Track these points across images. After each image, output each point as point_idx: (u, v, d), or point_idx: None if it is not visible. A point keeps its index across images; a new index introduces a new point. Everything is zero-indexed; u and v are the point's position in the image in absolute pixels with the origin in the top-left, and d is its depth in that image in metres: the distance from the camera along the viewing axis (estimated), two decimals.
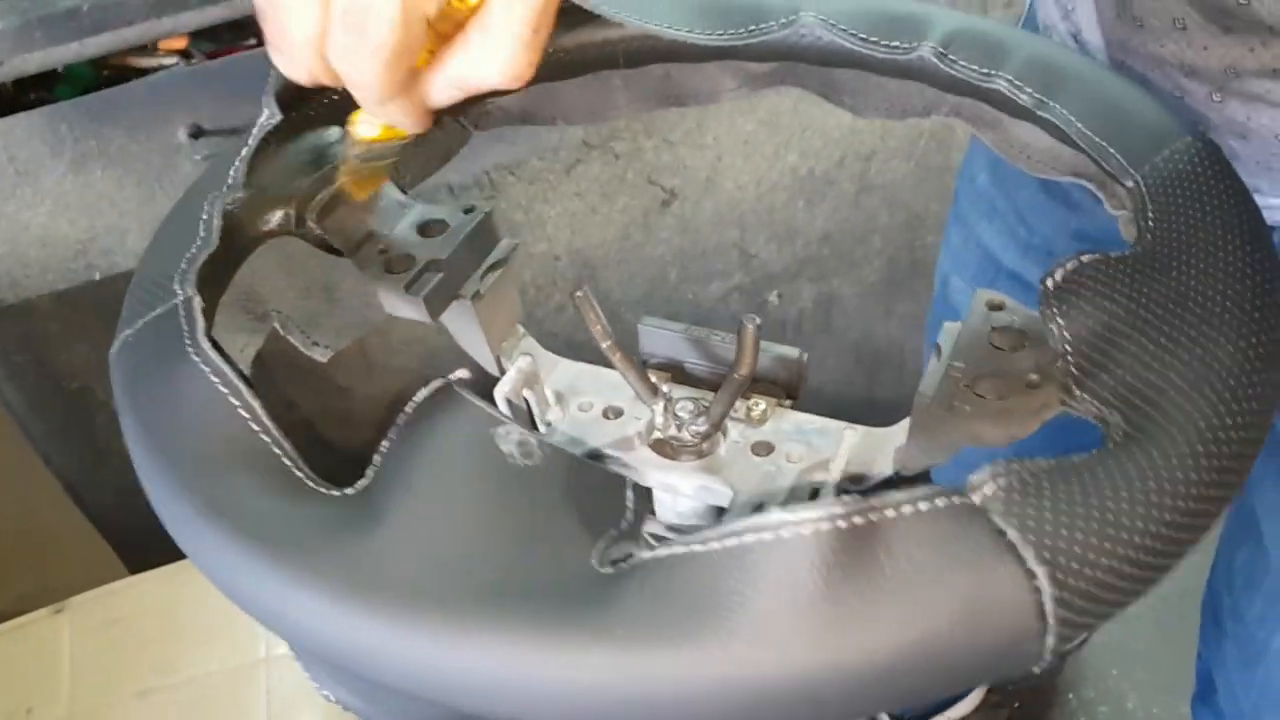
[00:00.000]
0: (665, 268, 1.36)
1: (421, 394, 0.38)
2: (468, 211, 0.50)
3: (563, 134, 1.19)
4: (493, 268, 0.50)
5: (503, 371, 0.52)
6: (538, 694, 0.29)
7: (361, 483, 0.35)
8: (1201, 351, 0.34)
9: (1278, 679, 0.87)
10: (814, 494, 0.46)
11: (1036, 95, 0.48)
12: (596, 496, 0.35)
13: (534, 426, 0.52)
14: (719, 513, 0.48)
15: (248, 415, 0.35)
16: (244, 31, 1.06)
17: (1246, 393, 0.33)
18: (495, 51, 0.39)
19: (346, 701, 0.38)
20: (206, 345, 0.37)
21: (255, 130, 0.47)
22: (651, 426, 0.48)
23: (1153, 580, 0.30)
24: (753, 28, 0.53)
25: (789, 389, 0.49)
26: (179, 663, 1.01)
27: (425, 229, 0.50)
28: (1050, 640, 0.29)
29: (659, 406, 0.48)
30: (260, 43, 1.04)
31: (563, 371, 0.52)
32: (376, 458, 0.36)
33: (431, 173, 0.56)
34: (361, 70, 0.38)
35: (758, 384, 0.49)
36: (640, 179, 1.28)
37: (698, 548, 0.29)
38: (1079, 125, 0.46)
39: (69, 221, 1.00)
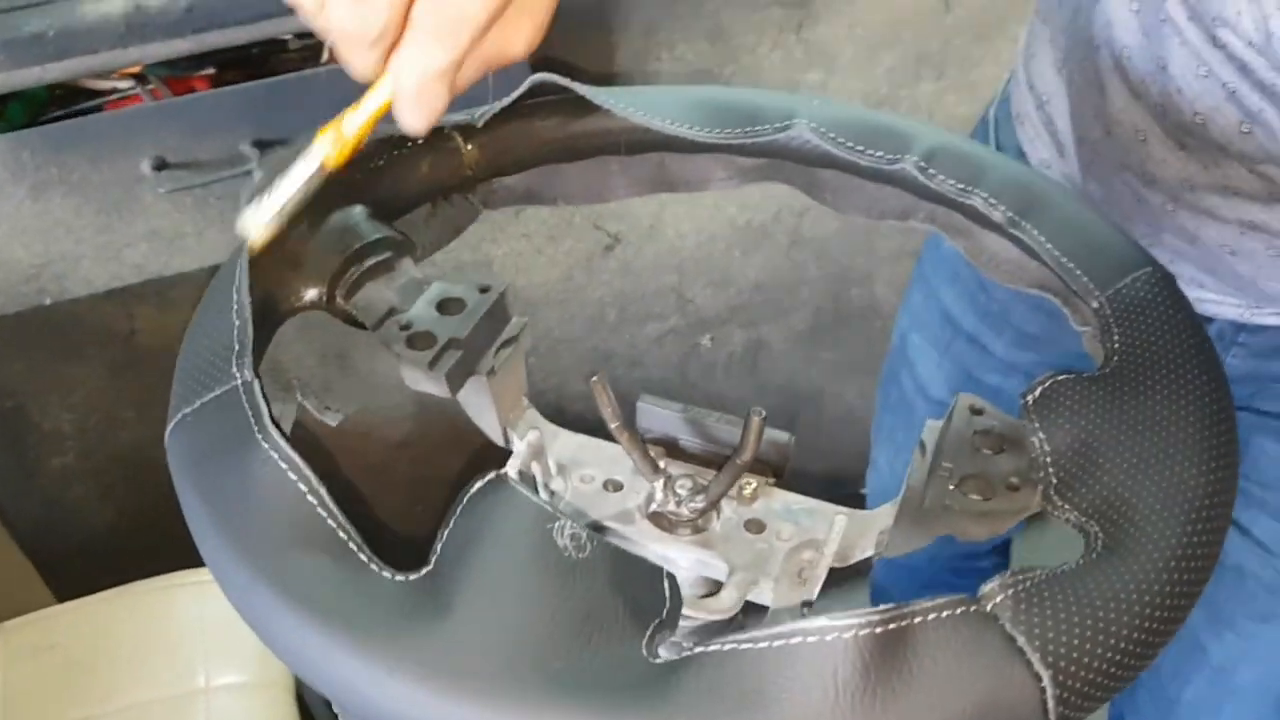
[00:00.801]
0: (605, 309, 1.39)
1: (476, 484, 0.41)
2: (483, 290, 0.53)
3: None
4: (505, 344, 0.54)
5: (508, 442, 0.55)
6: None
7: (425, 569, 0.38)
8: (1169, 474, 0.40)
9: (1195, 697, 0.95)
10: (801, 573, 0.50)
11: (1010, 214, 0.53)
12: (639, 586, 0.38)
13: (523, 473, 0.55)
14: (716, 585, 0.52)
15: (315, 501, 0.38)
16: (202, 61, 1.07)
17: (1209, 513, 0.39)
18: (519, 28, 0.43)
19: None
20: (275, 433, 0.39)
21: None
22: (650, 500, 0.52)
23: (1134, 677, 0.35)
24: (749, 129, 0.57)
25: (776, 469, 0.54)
26: (116, 690, 1.02)
27: (444, 306, 0.52)
28: None
29: (659, 483, 0.52)
30: (218, 76, 1.05)
31: (564, 443, 0.56)
32: (437, 545, 0.39)
33: (443, 246, 0.59)
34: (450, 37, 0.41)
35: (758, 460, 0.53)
36: (586, 224, 1.31)
37: (748, 645, 0.33)
38: (1049, 246, 0.51)
39: (24, 246, 1.00)
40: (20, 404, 1.21)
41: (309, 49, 1.08)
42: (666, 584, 0.39)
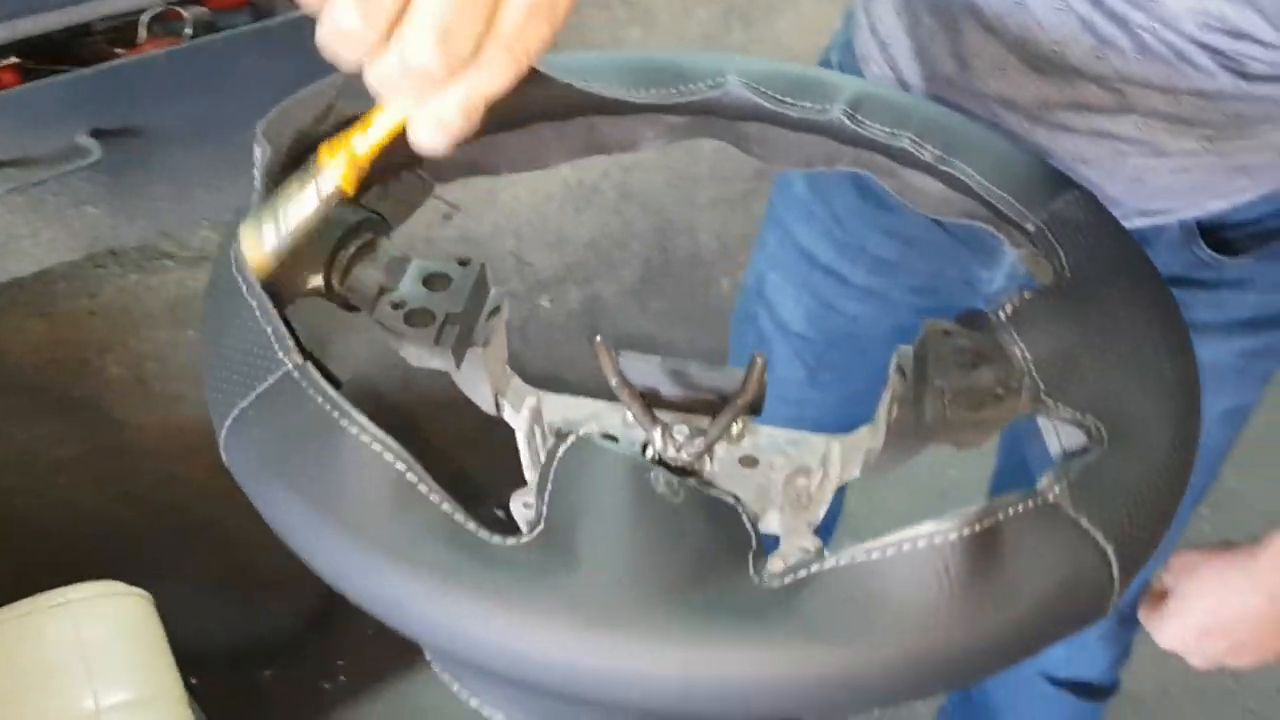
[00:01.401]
0: None
1: (563, 448, 0.42)
2: (463, 264, 0.54)
3: None
4: (491, 314, 0.55)
5: (499, 410, 0.56)
6: (746, 693, 0.35)
7: (537, 531, 0.39)
8: (1147, 367, 0.45)
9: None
10: (799, 498, 0.54)
11: (938, 153, 0.58)
12: (726, 522, 0.41)
13: (536, 457, 0.56)
14: None
15: (415, 478, 0.39)
16: (3, 52, 1.00)
17: (1187, 394, 0.45)
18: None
19: None
20: (357, 412, 0.40)
21: (256, 171, 0.48)
22: (647, 449, 0.55)
23: (1162, 538, 0.41)
24: (680, 88, 0.60)
25: (754, 406, 0.57)
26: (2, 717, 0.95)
27: (429, 282, 0.53)
28: (1114, 595, 0.38)
29: (656, 432, 0.54)
30: (22, 66, 0.98)
31: (554, 404, 0.57)
32: (542, 509, 0.40)
33: (400, 223, 0.59)
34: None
35: (728, 400, 0.56)
36: None
37: (863, 558, 0.37)
38: (980, 179, 0.57)
39: None
40: None
41: (116, 32, 1.03)
42: (745, 518, 0.42)
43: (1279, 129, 0.68)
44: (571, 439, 0.43)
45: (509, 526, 0.40)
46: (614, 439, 0.56)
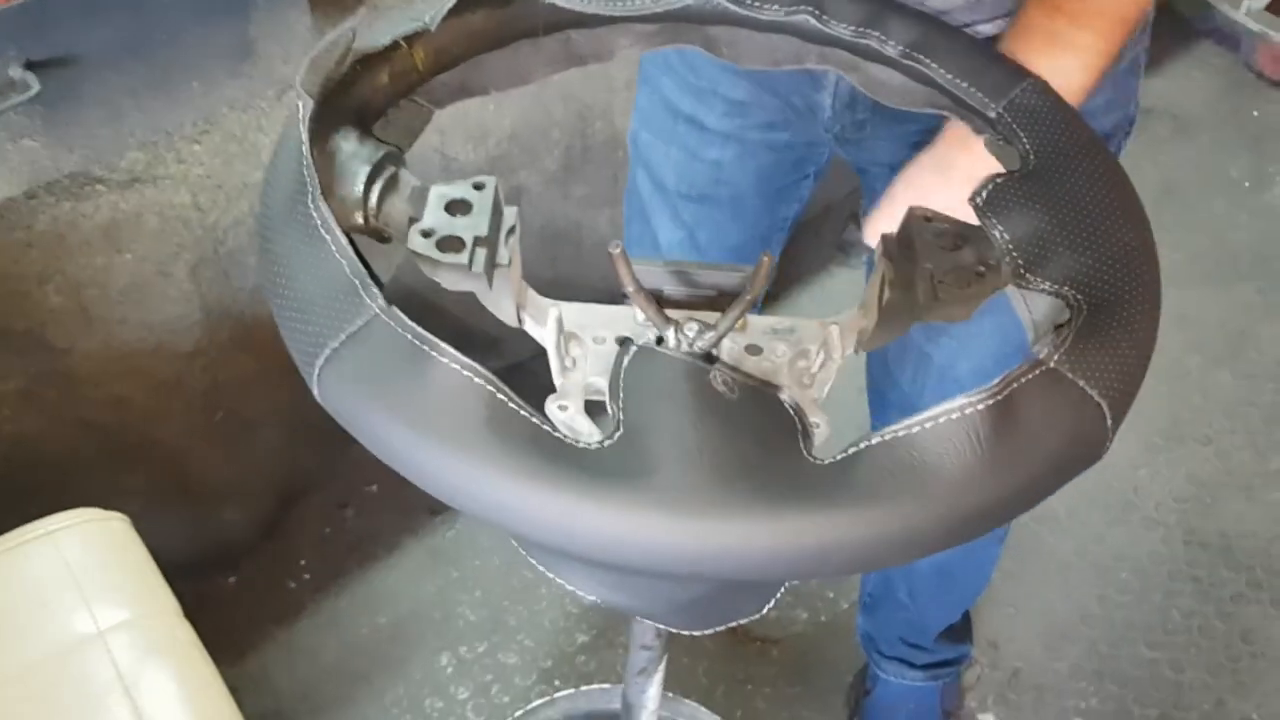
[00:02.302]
0: None
1: (625, 358, 0.47)
2: (478, 187, 0.57)
3: (268, 61, 1.19)
4: (509, 232, 0.58)
5: (520, 323, 0.60)
6: (819, 555, 0.41)
7: (617, 434, 0.44)
8: (1113, 239, 0.52)
9: (948, 563, 1.19)
10: (802, 379, 0.59)
11: (901, 48, 0.63)
12: (773, 410, 0.46)
13: (562, 363, 0.61)
14: None
15: (505, 398, 0.43)
16: None
17: (1149, 259, 0.52)
18: None
19: (614, 600, 0.47)
20: (449, 347, 0.44)
21: (301, 125, 0.51)
22: (661, 345, 0.59)
23: (1141, 382, 0.48)
24: None
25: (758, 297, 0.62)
26: (4, 657, 0.98)
27: (451, 208, 0.56)
28: (1109, 441, 0.45)
29: (670, 330, 0.59)
30: None
31: (567, 312, 0.61)
32: (617, 415, 0.45)
33: (405, 149, 0.62)
34: None
35: (729, 296, 0.61)
36: None
37: (904, 431, 0.43)
38: (942, 71, 0.62)
39: None
40: None
41: None
42: (787, 405, 0.47)
43: None
44: (634, 349, 0.47)
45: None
46: (629, 339, 0.60)
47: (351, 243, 0.48)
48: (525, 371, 1.03)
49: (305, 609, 1.57)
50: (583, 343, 0.60)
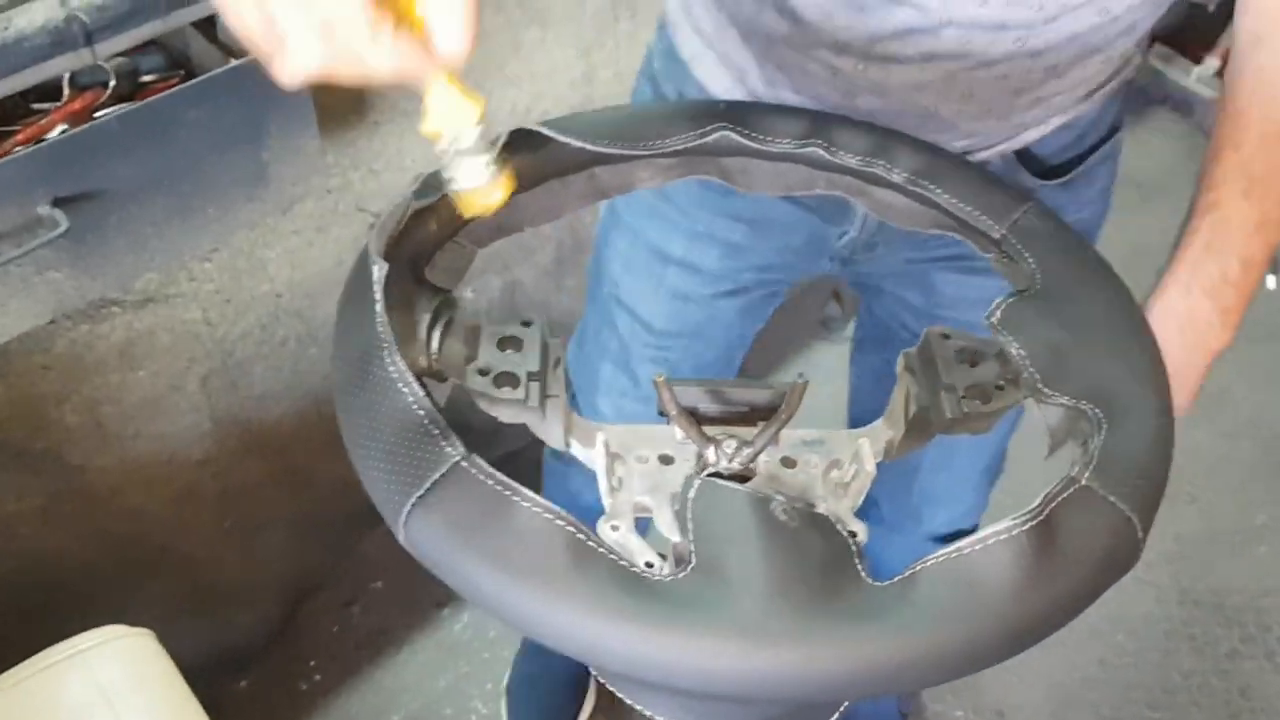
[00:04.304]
0: None
1: (692, 491, 0.50)
2: (525, 324, 0.61)
3: (280, 183, 1.23)
4: (556, 364, 0.62)
5: (568, 445, 0.64)
6: (885, 675, 0.45)
7: (689, 567, 0.47)
8: (1127, 355, 0.56)
9: (929, 485, 1.20)
10: (836, 489, 0.63)
11: (907, 175, 0.68)
12: (828, 535, 0.50)
13: (610, 484, 0.64)
14: None
15: (584, 536, 0.46)
16: None
17: (1156, 371, 0.56)
18: None
19: None
20: (527, 490, 0.47)
21: (377, 286, 0.54)
22: (701, 463, 0.63)
23: (1164, 490, 0.52)
24: (675, 138, 0.68)
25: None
26: None
27: (502, 345, 0.60)
28: (1141, 549, 0.49)
29: (710, 449, 0.63)
30: None
31: (613, 433, 0.65)
32: (690, 545, 0.48)
33: (453, 290, 0.65)
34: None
35: (760, 411, 0.65)
36: (350, 208, 1.34)
37: (956, 554, 0.46)
38: (947, 197, 0.66)
39: None
40: None
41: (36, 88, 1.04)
42: (839, 526, 0.51)
43: (1075, 17, 0.76)
44: (698, 484, 0.51)
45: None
46: (670, 457, 0.64)
47: (427, 392, 0.51)
48: (521, 459, 1.06)
49: (317, 710, 1.57)
50: (626, 462, 0.64)
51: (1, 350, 1.13)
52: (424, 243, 0.62)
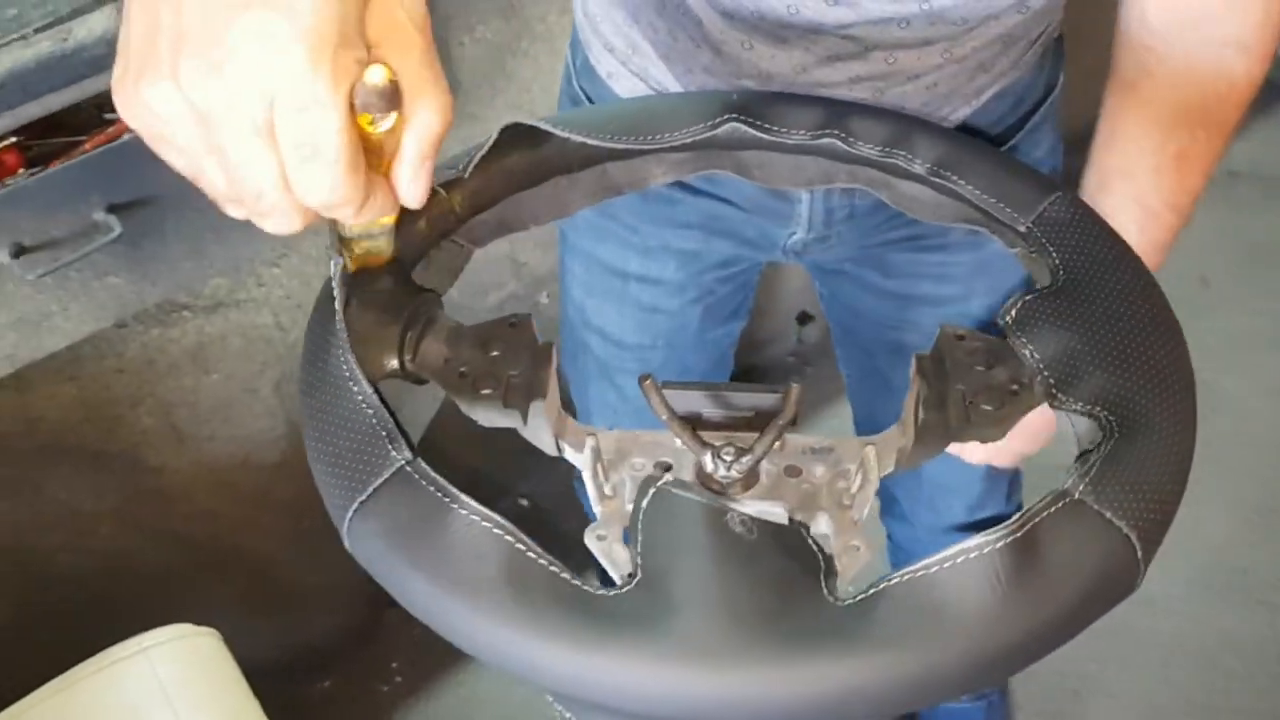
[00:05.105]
0: None
1: (646, 500, 0.48)
2: (512, 324, 0.59)
3: None
4: (542, 366, 0.60)
5: (560, 452, 0.62)
6: (838, 701, 0.41)
7: (636, 580, 0.44)
8: (1147, 359, 0.51)
9: (937, 475, 1.17)
10: (842, 500, 0.59)
11: (929, 165, 0.63)
12: (795, 548, 0.46)
13: (601, 491, 0.61)
14: None
15: (524, 547, 0.44)
16: None
17: (1182, 378, 0.51)
18: (431, 107, 0.45)
19: None
20: (466, 497, 0.45)
21: (335, 283, 0.53)
22: (701, 471, 0.60)
23: (1176, 511, 0.47)
24: (683, 131, 0.65)
25: (791, 419, 0.62)
26: None
27: (486, 346, 0.58)
28: (1141, 573, 0.44)
29: (707, 455, 0.59)
30: (20, 146, 1.01)
31: (606, 440, 0.62)
32: (636, 559, 0.45)
33: (445, 289, 0.64)
34: (332, 187, 0.43)
35: (763, 416, 0.62)
36: None
37: (923, 571, 0.42)
38: (970, 188, 0.62)
39: None
40: None
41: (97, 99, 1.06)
42: (811, 541, 0.47)
43: (999, 22, 0.72)
44: (652, 491, 0.48)
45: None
46: (668, 464, 0.61)
47: (379, 395, 0.49)
48: None
49: (397, 713, 1.58)
50: (621, 470, 0.61)
51: (72, 354, 1.16)
52: (410, 241, 0.60)
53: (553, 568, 0.44)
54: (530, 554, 0.44)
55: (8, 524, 1.25)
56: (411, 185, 0.47)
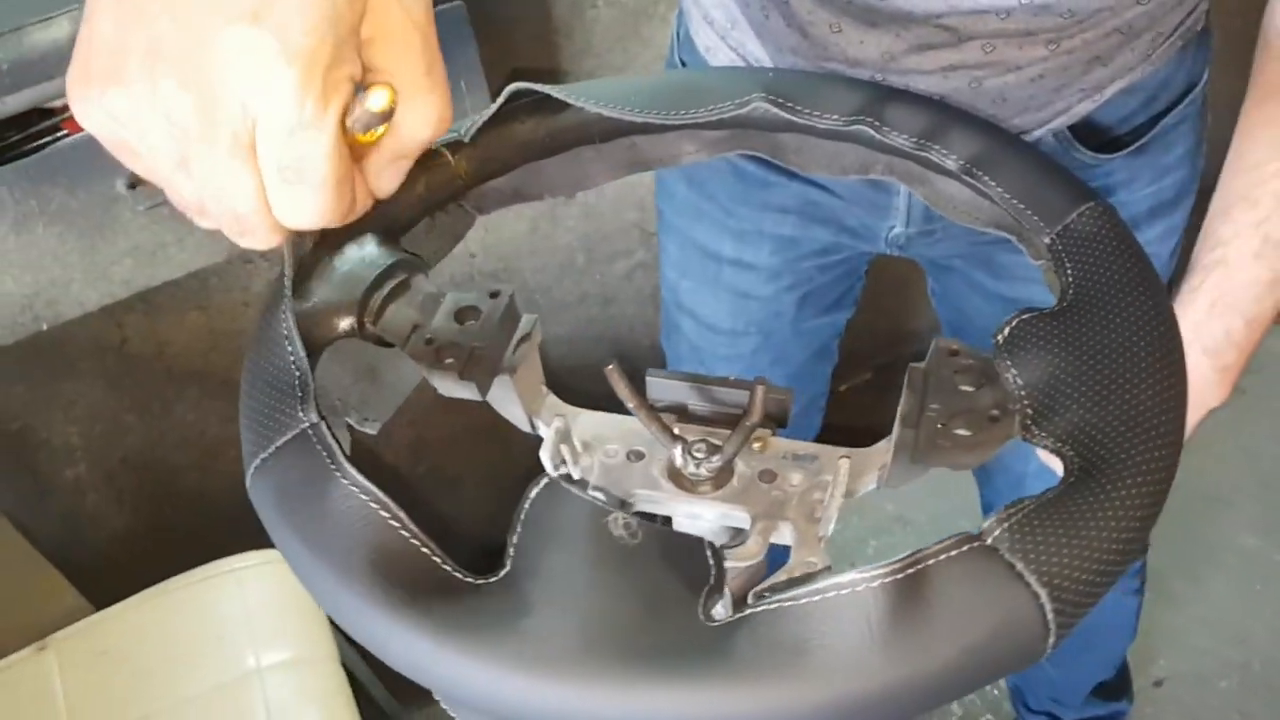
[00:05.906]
0: (573, 254, 1.44)
1: (533, 491, 0.46)
2: (494, 295, 0.58)
3: None
4: (521, 341, 0.58)
5: (534, 429, 0.60)
6: None
7: (502, 571, 0.43)
8: (1127, 399, 0.45)
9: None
10: (813, 513, 0.56)
11: (961, 162, 0.58)
12: (687, 560, 0.44)
13: (568, 475, 0.60)
14: (736, 533, 0.57)
15: (397, 525, 0.43)
16: None
17: (1163, 430, 0.45)
18: (421, 113, 0.44)
19: None
20: (350, 468, 0.44)
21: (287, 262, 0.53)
22: (671, 465, 0.58)
23: (1115, 580, 0.41)
24: (711, 108, 0.61)
25: (778, 421, 0.59)
26: (173, 685, 1.07)
27: (460, 315, 0.57)
28: (1051, 640, 0.39)
29: (677, 449, 0.57)
30: None
31: (585, 423, 0.61)
32: (509, 550, 0.44)
33: (445, 255, 0.63)
34: (317, 210, 0.42)
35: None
36: None
37: (790, 602, 0.39)
38: (999, 189, 0.57)
39: (14, 279, 1.02)
40: (26, 424, 1.24)
41: None
42: (709, 553, 0.44)
43: (1116, 15, 0.67)
44: (544, 481, 0.46)
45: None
46: (641, 453, 0.59)
47: (309, 352, 0.49)
48: None
49: None
50: (594, 454, 0.59)
51: (202, 285, 1.22)
52: (405, 204, 0.60)
53: (424, 549, 0.43)
54: (403, 531, 0.43)
55: (139, 438, 1.33)
56: (380, 179, 0.47)
